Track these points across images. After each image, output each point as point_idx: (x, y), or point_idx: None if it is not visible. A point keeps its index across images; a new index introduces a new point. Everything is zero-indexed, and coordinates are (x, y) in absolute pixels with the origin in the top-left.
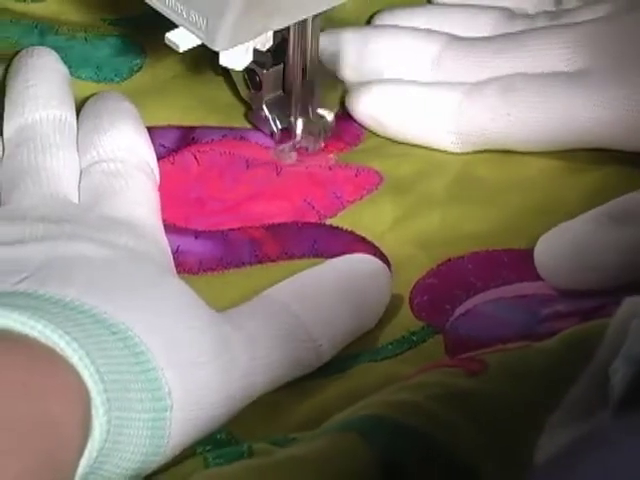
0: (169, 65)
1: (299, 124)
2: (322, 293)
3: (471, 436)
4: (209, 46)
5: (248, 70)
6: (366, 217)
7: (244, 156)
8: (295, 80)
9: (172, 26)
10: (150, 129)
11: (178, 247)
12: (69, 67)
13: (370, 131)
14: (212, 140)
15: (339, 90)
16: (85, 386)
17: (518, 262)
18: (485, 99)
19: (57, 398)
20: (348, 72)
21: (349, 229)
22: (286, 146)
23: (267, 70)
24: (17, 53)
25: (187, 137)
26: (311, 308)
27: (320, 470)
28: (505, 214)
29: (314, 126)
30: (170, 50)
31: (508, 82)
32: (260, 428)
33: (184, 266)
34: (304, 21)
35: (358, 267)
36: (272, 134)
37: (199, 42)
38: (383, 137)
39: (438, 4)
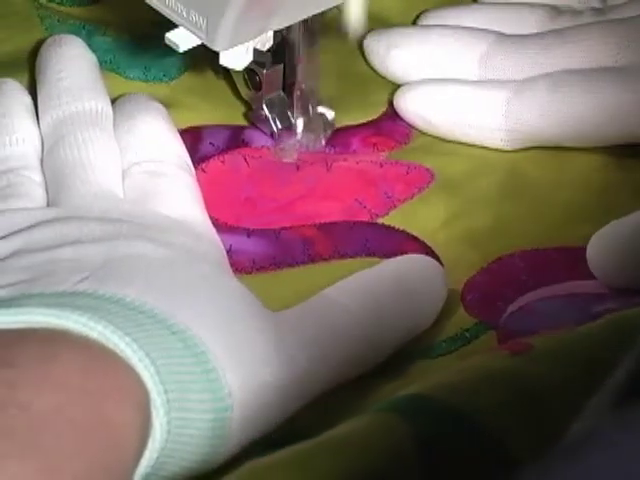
0: (217, 64)
1: (299, 123)
2: (379, 293)
3: (508, 415)
4: (209, 46)
5: (248, 70)
6: (417, 216)
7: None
8: (295, 80)
9: (172, 26)
10: (199, 128)
11: (231, 246)
12: (117, 67)
13: (419, 130)
14: (262, 146)
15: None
16: (145, 387)
17: (570, 260)
18: (533, 96)
19: (114, 401)
20: (395, 72)
21: (401, 228)
22: (287, 145)
23: (267, 70)
24: None
25: (237, 137)
26: (368, 308)
27: (357, 448)
28: (556, 212)
29: (315, 125)
30: None
31: (556, 79)
32: (315, 429)
33: (237, 265)
34: (304, 21)
35: (414, 267)
36: (272, 134)
37: (199, 42)
38: (432, 136)
39: (484, 3)
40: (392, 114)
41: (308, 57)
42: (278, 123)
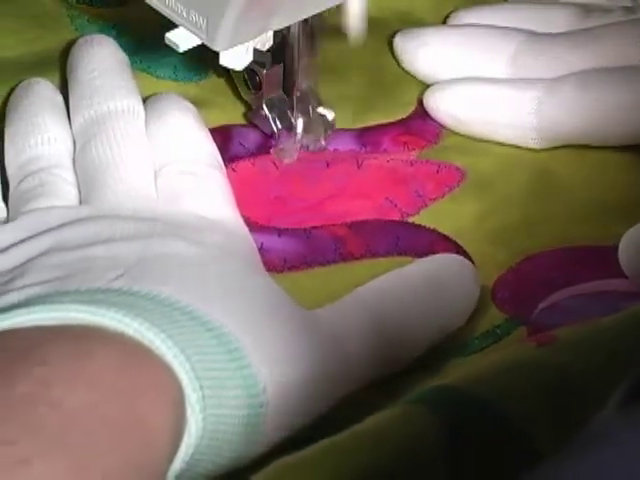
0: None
1: (300, 123)
2: (411, 292)
3: (531, 404)
4: (209, 46)
5: (248, 70)
6: (448, 215)
7: (323, 157)
8: (295, 80)
9: (172, 26)
10: (229, 127)
11: (262, 245)
12: (147, 67)
13: (449, 129)
14: None
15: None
16: (180, 384)
17: (600, 259)
18: (563, 95)
19: (148, 398)
20: (425, 71)
21: (431, 227)
22: (287, 145)
23: (267, 70)
24: None
25: (266, 140)
26: (401, 308)
27: (384, 441)
28: (586, 210)
29: (315, 125)
30: None
31: (586, 77)
32: (347, 428)
33: (268, 264)
34: (304, 21)
35: (446, 266)
36: (272, 134)
37: (199, 42)
38: (462, 135)
39: (514, 2)
40: (422, 113)
41: (308, 57)
42: (278, 123)
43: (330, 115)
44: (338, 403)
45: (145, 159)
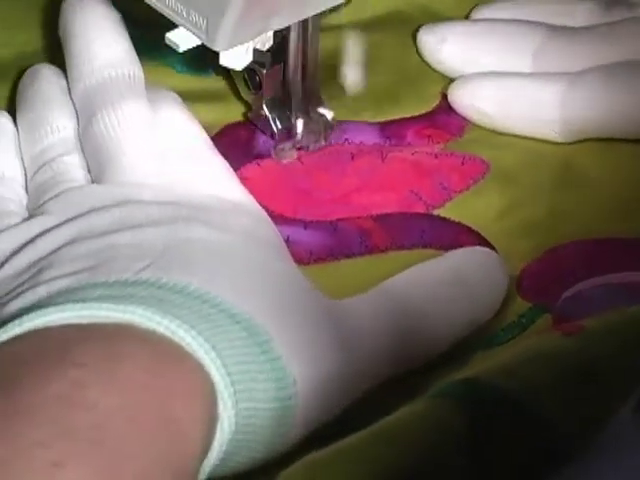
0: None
1: (299, 123)
2: (440, 285)
3: (557, 395)
4: (209, 46)
5: (248, 70)
6: (473, 208)
7: (348, 150)
8: (295, 80)
9: (172, 26)
10: (251, 121)
11: (288, 237)
12: (166, 61)
13: (473, 123)
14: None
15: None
16: (211, 380)
17: (625, 251)
18: (588, 88)
19: (180, 398)
20: (448, 65)
21: (456, 219)
22: (286, 145)
23: (267, 70)
24: None
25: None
26: (429, 301)
27: (409, 435)
28: (610, 203)
29: (315, 125)
30: None
31: (609, 71)
32: (373, 421)
33: (294, 256)
34: (304, 21)
35: (474, 259)
36: (272, 134)
37: (199, 42)
38: (486, 129)
39: None
40: (446, 107)
41: (308, 57)
42: (278, 123)
43: (329, 115)
44: (362, 398)
45: (152, 136)
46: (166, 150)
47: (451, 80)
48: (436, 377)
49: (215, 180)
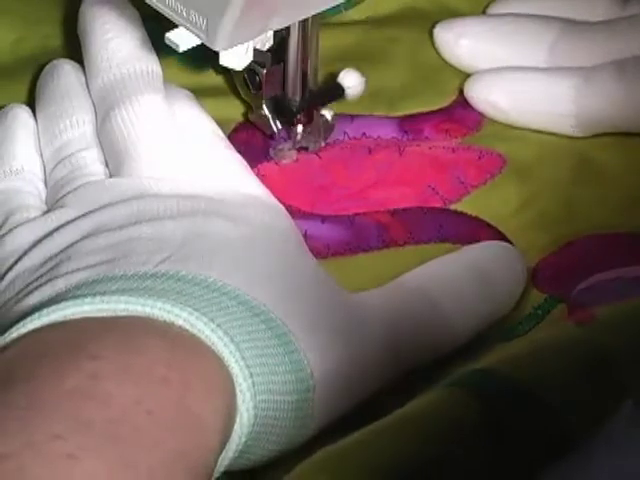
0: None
1: (299, 124)
2: (458, 279)
3: (571, 385)
4: (209, 46)
5: (248, 70)
6: (490, 202)
7: (366, 144)
8: (295, 80)
9: (172, 26)
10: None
11: (305, 232)
12: (186, 57)
13: (490, 118)
14: (335, 140)
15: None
16: (230, 372)
17: None
18: (603, 82)
19: (197, 390)
20: (465, 61)
21: (473, 214)
22: (286, 145)
23: (267, 70)
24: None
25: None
26: (448, 294)
27: (425, 424)
28: (626, 197)
29: (315, 125)
30: None
31: (625, 65)
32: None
33: (312, 251)
34: (304, 21)
35: (492, 254)
36: (272, 134)
37: (199, 42)
38: (503, 123)
39: None
40: (463, 102)
41: (308, 57)
42: (278, 123)
43: (329, 115)
44: (382, 389)
45: (170, 130)
46: (184, 144)
47: (468, 75)
48: (455, 369)
49: (232, 174)
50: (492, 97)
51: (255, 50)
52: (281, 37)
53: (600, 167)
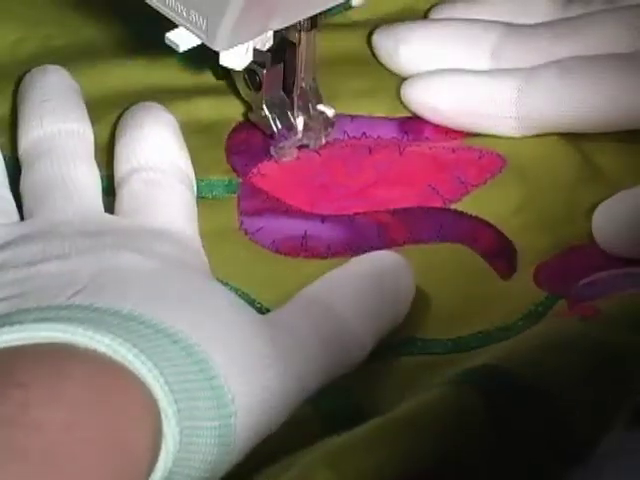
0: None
1: (300, 122)
2: (358, 290)
3: (575, 382)
4: (209, 46)
5: (248, 70)
6: (490, 202)
7: (366, 144)
8: (295, 80)
9: (172, 26)
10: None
11: (305, 232)
12: (188, 60)
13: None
14: (335, 140)
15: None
16: (155, 398)
17: None
18: (543, 83)
19: (126, 416)
20: (405, 67)
21: (473, 214)
22: (287, 143)
23: (267, 70)
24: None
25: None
26: (352, 307)
27: (430, 421)
28: None
29: (315, 123)
30: None
31: (566, 65)
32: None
33: (312, 251)
34: (304, 21)
35: (386, 264)
36: (272, 134)
37: (199, 42)
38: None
39: None
40: None
41: (308, 57)
42: (278, 123)
43: (330, 112)
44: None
45: (94, 180)
46: (132, 171)
47: None
48: (457, 367)
49: (163, 208)
50: (431, 100)
51: (255, 50)
52: (281, 37)
53: (601, 169)
